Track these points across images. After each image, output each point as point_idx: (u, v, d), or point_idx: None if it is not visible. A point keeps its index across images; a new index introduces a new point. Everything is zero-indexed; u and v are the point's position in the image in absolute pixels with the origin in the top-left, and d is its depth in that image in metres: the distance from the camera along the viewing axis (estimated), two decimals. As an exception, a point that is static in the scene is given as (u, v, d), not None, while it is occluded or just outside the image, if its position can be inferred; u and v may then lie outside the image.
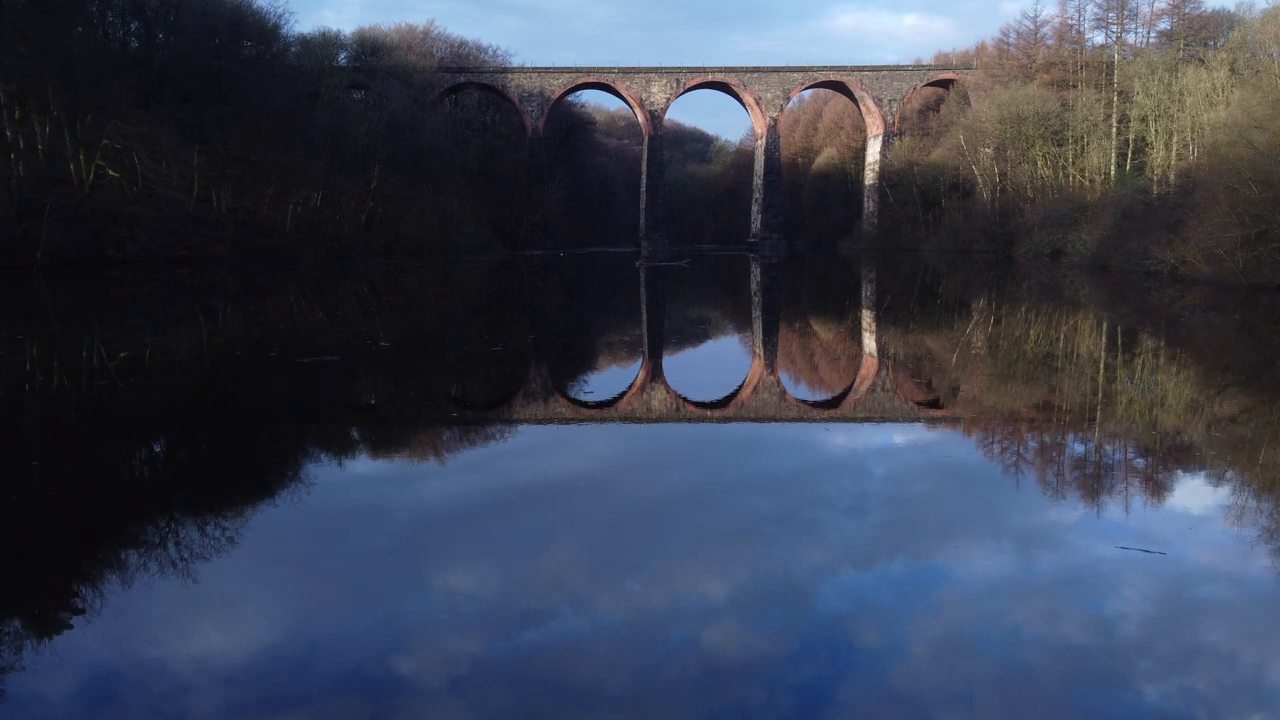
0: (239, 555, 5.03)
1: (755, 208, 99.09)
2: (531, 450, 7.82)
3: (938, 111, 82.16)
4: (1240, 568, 5.06)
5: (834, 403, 10.44)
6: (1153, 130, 47.30)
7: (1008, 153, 60.59)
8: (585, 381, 12.00)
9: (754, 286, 31.88)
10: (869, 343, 15.56)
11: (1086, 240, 43.11)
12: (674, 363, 13.77)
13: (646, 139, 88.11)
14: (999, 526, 5.75)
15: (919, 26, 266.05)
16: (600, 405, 9.88)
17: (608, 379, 12.20)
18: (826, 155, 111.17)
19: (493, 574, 4.78)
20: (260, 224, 42.94)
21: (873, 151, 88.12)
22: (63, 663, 3.81)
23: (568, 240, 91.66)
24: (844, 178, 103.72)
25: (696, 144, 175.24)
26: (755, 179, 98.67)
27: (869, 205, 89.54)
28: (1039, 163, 58.10)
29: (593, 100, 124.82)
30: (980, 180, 63.53)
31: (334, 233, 48.08)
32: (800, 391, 11.42)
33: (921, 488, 6.76)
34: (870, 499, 6.25)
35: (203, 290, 25.74)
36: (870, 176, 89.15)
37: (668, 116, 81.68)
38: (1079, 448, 8.09)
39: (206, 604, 4.35)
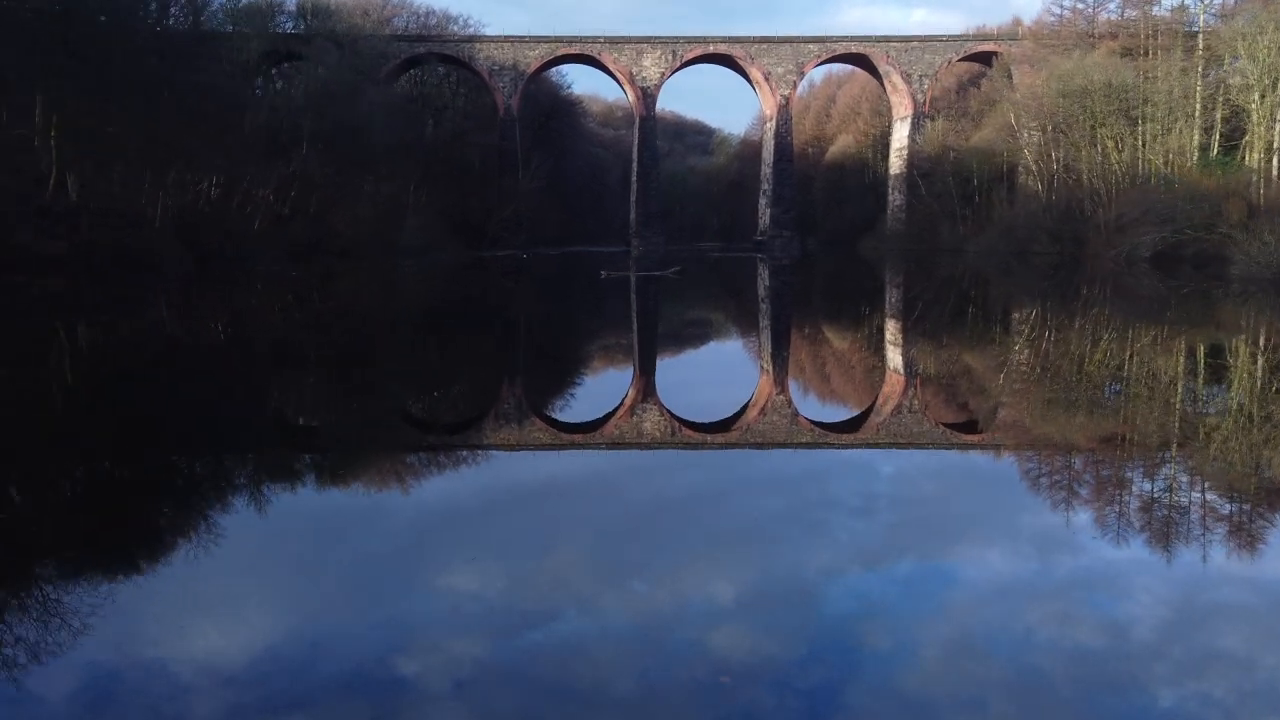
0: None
1: (763, 201, 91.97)
2: (494, 489, 7.31)
3: (978, 87, 76.27)
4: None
5: (853, 425, 9.71)
6: (1261, 104, 42.42)
7: (1070, 134, 54.90)
8: (568, 399, 11.37)
9: (762, 300, 27.32)
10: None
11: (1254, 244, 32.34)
12: (670, 378, 12.97)
13: (637, 121, 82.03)
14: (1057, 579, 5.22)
15: (928, 22, 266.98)
16: (583, 428, 9.32)
17: (594, 395, 11.50)
18: (841, 143, 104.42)
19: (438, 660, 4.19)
20: (121, 216, 35.04)
21: (899, 136, 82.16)
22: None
23: (549, 238, 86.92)
24: (863, 168, 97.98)
25: (697, 136, 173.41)
26: (763, 168, 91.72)
27: (895, 198, 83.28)
28: (1110, 145, 52.71)
29: (587, 90, 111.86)
30: (1035, 167, 58.58)
31: (233, 229, 40.71)
32: (813, 411, 10.44)
33: (954, 523, 6.48)
34: (907, 545, 5.91)
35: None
36: (896, 165, 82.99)
37: (666, 107, 73.12)
38: (1151, 486, 7.14)
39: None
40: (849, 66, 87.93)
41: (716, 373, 13.78)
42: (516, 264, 49.70)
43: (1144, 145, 48.77)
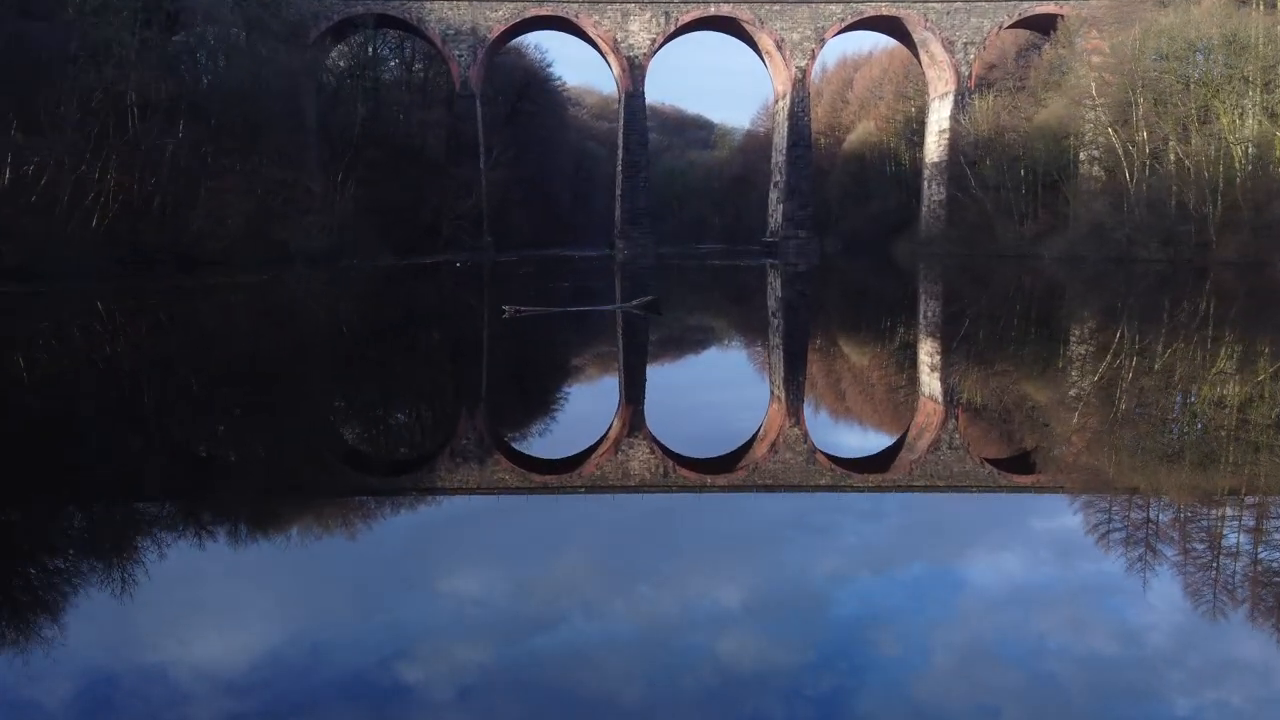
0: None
1: (774, 196, 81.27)
2: (440, 545, 6.63)
3: (1038, 55, 66.08)
4: None
5: (881, 461, 8.83)
6: None
7: (1172, 107, 44.52)
8: (539, 430, 10.50)
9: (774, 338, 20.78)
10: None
11: None
12: (663, 404, 12.03)
13: (622, 98, 72.62)
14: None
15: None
16: (556, 466, 8.45)
17: (572, 426, 10.50)
18: (862, 132, 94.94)
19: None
20: None
21: (938, 117, 71.89)
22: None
23: (524, 239, 78.99)
24: (888, 158, 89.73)
25: (698, 131, 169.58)
26: (774, 156, 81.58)
27: (932, 191, 73.60)
28: (1230, 120, 41.93)
29: (582, 82, 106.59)
30: (1124, 151, 48.10)
31: (38, 229, 30.16)
32: (834, 444, 9.47)
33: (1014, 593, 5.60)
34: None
35: None
36: (934, 151, 72.95)
37: (665, 100, 75.50)
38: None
39: None
40: (875, 36, 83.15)
41: (718, 397, 12.43)
42: (455, 274, 43.66)
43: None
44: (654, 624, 4.85)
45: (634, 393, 12.73)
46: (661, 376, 14.80)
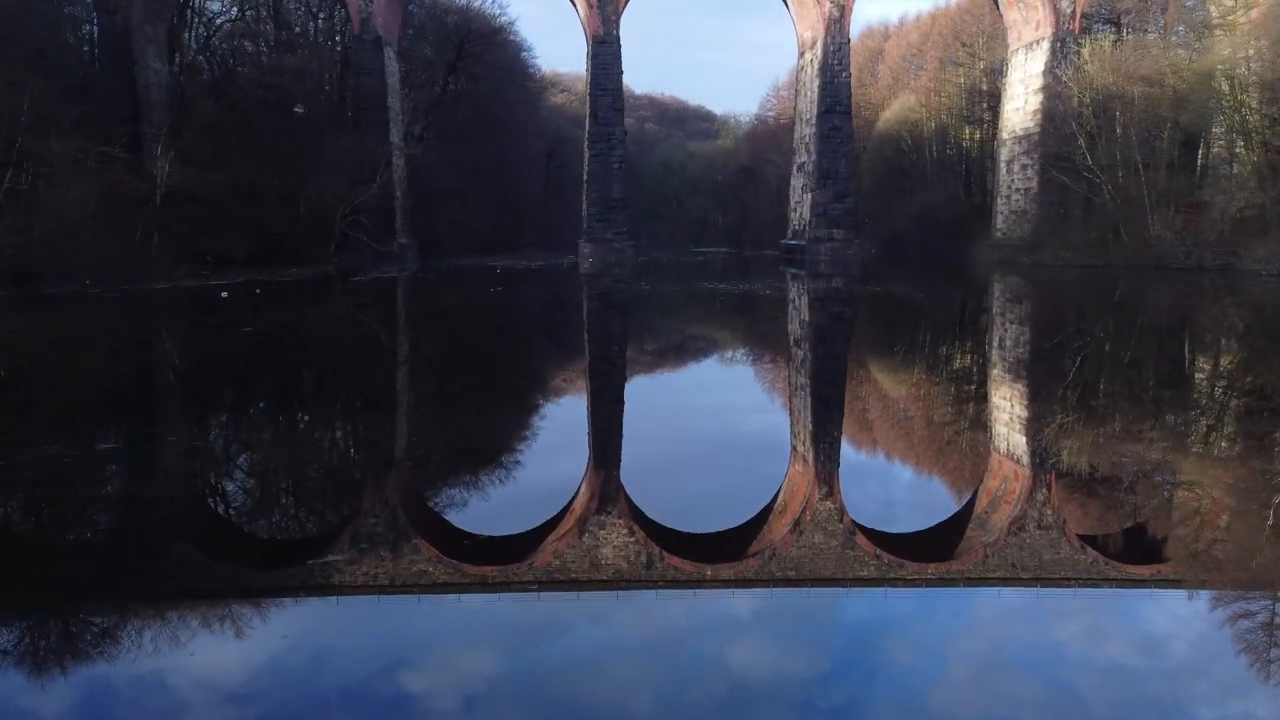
0: None
1: (798, 182, 62.59)
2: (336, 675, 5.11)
3: None
4: None
5: (941, 543, 7.29)
6: None
7: None
8: (485, 496, 8.69)
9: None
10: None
11: None
12: (646, 458, 9.92)
13: (590, 45, 55.12)
14: None
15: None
16: (500, 552, 7.01)
17: (526, 486, 8.91)
18: (900, 109, 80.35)
19: None
20: None
21: (1024, 74, 54.84)
22: None
23: (466, 241, 60.33)
24: (936, 139, 74.79)
25: (700, 122, 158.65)
26: (799, 129, 63.05)
27: (1013, 176, 56.56)
28: None
29: (572, 71, 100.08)
30: None
31: None
32: (879, 518, 7.83)
33: None
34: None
35: None
36: (1017, 121, 55.47)
37: (665, 91, 60.30)
38: None
39: None
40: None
41: (721, 451, 10.58)
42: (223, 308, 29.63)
43: None
44: None
45: (607, 441, 10.87)
46: (645, 416, 12.32)
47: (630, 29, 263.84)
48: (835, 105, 58.55)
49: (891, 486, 9.58)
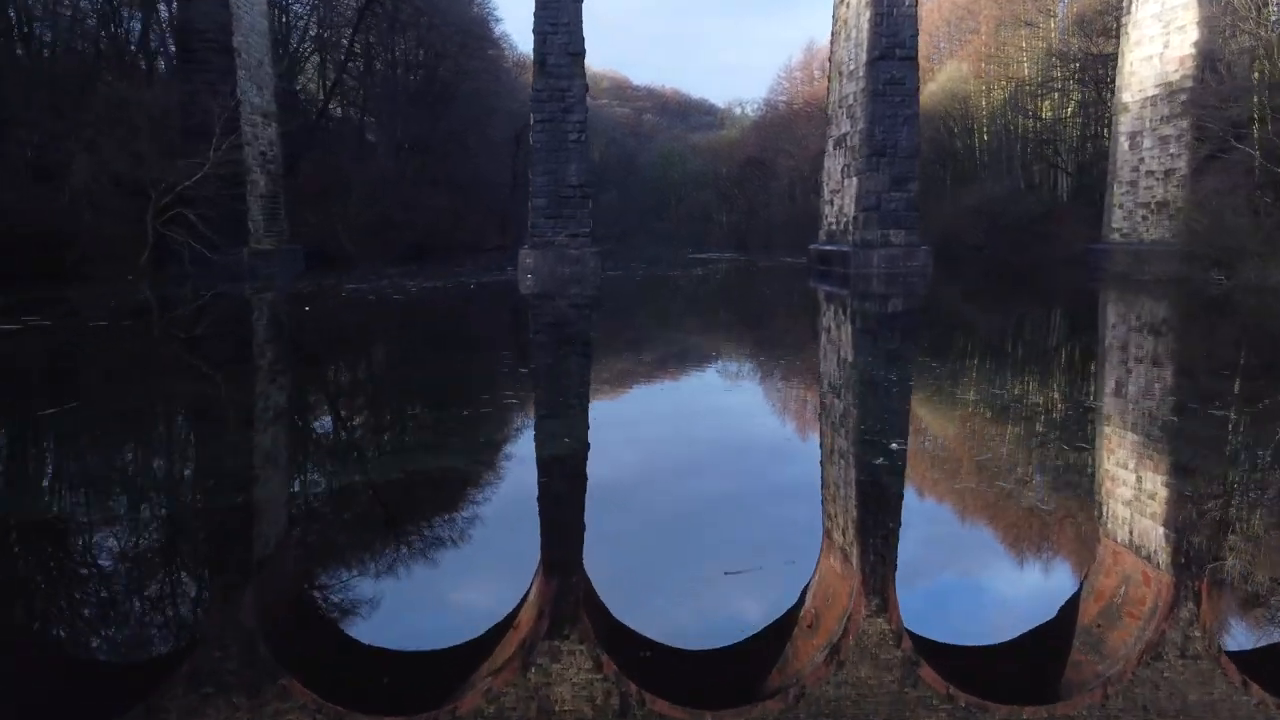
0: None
1: (835, 163, 45.30)
2: None
3: None
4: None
5: (1042, 678, 5.66)
6: None
7: None
8: (391, 603, 6.56)
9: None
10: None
11: None
12: (620, 548, 7.55)
13: None
14: None
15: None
16: (410, 690, 5.22)
17: (447, 589, 6.89)
18: (946, 80, 67.56)
19: None
20: None
21: (1163, 4, 39.14)
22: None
23: (403, 246, 48.77)
24: (989, 116, 64.40)
25: (703, 116, 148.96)
26: (836, 86, 46.01)
27: (1140, 155, 40.70)
28: None
29: None
30: None
31: None
32: (948, 635, 6.23)
33: None
34: None
35: None
36: (1153, 74, 39.57)
37: (667, 83, 50.22)
38: None
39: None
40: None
41: (722, 534, 7.89)
42: None
43: None
44: None
45: (564, 520, 7.99)
46: (615, 481, 9.39)
47: (630, 28, 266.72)
48: (895, 47, 41.07)
49: (958, 577, 7.09)
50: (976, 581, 6.95)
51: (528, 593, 6.13)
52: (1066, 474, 9.72)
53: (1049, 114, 64.19)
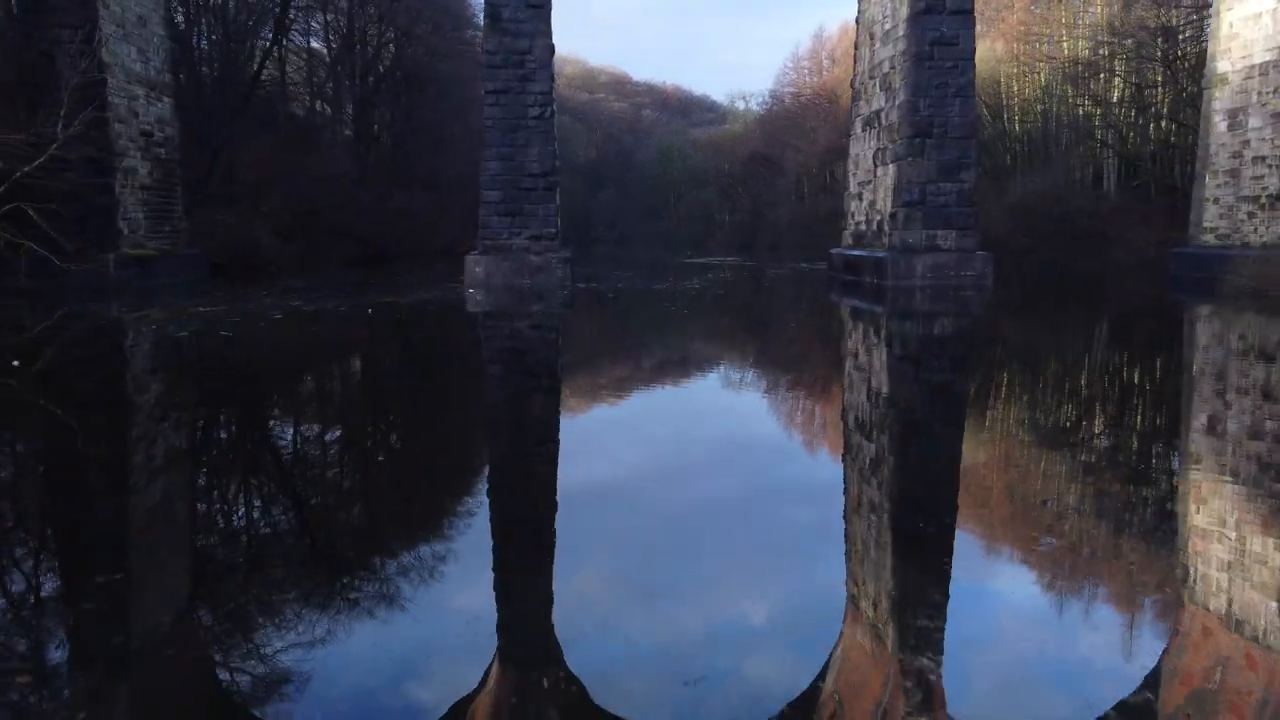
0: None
1: (863, 148, 36.41)
2: None
3: None
4: None
5: None
6: None
7: None
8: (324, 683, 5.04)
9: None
10: None
11: None
12: (604, 610, 6.15)
13: None
14: None
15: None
16: None
17: (395, 670, 5.21)
18: (977, 61, 45.85)
19: None
20: None
21: None
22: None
23: (345, 250, 43.22)
24: (1030, 101, 59.49)
25: (705, 113, 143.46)
26: (870, 51, 36.26)
27: (1244, 138, 34.02)
28: None
29: (563, 51, 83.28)
30: None
31: None
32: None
33: None
34: None
35: None
36: (1260, 38, 33.14)
37: (668, 80, 57.39)
38: None
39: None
40: None
41: (722, 591, 6.81)
42: None
43: None
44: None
45: (532, 582, 6.83)
46: (594, 527, 7.90)
47: (630, 28, 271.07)
48: (944, 2, 32.96)
49: (1014, 662, 5.62)
50: (1035, 667, 5.21)
51: (489, 669, 4.61)
52: (1152, 522, 7.79)
53: (1098, 97, 57.03)
